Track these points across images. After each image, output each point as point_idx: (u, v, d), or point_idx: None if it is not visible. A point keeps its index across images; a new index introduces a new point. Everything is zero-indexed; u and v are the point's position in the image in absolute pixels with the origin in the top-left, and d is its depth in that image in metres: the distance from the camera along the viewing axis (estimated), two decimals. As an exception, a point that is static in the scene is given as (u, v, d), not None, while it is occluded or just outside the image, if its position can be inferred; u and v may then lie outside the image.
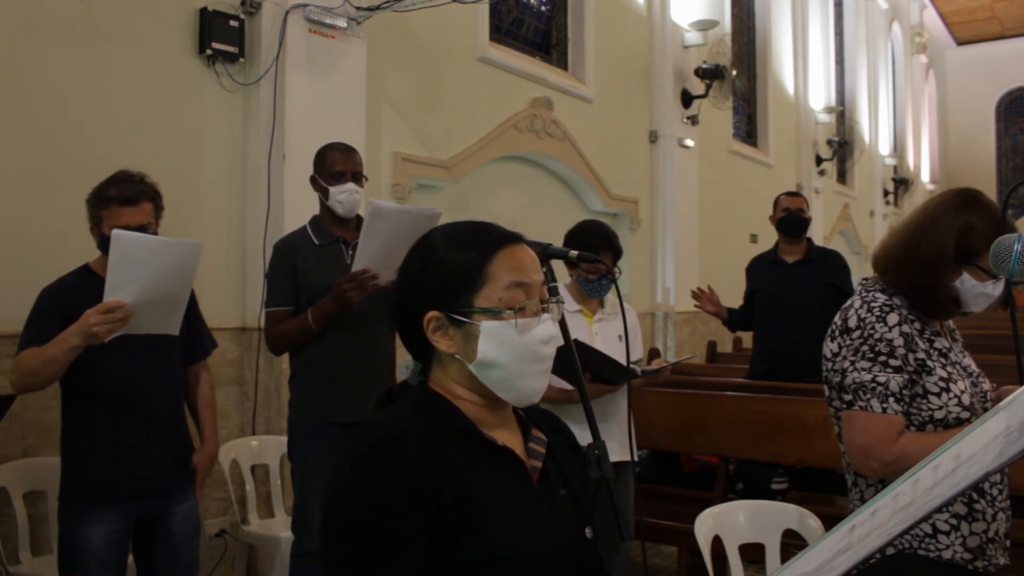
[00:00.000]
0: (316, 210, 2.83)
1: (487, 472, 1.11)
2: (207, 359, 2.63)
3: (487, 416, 1.16)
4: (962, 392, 1.68)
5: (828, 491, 3.55)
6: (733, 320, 4.38)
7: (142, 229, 2.21)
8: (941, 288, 1.72)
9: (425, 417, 1.12)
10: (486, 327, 1.11)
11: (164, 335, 2.26)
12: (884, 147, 13.78)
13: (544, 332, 1.14)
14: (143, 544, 2.40)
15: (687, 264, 7.02)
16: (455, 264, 1.13)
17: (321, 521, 1.07)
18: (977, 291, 1.73)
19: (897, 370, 1.66)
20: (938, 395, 1.67)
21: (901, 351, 1.67)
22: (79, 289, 2.21)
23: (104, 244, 2.19)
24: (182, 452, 2.46)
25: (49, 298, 2.28)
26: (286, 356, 2.87)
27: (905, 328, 1.69)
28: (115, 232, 2.05)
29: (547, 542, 1.12)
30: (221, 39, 3.56)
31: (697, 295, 4.23)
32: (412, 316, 1.15)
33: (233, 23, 3.62)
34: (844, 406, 1.72)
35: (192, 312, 2.54)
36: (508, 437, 1.18)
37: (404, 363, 1.24)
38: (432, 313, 1.13)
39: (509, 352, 1.11)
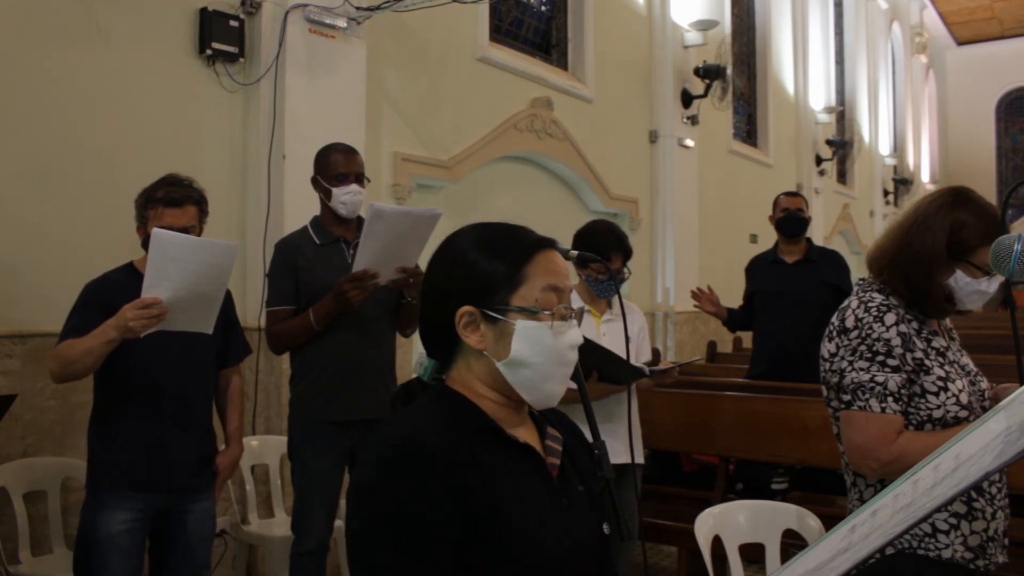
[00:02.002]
0: (316, 210, 2.83)
1: (510, 469, 1.12)
2: (239, 365, 2.68)
3: (507, 415, 1.18)
4: (960, 391, 1.69)
5: (828, 491, 3.55)
6: (733, 320, 4.38)
7: (185, 231, 2.27)
8: (935, 286, 1.72)
9: (447, 415, 1.13)
10: (521, 326, 1.12)
11: (199, 336, 2.31)
12: (884, 147, 13.79)
13: (574, 337, 1.16)
14: (158, 540, 2.43)
15: (687, 264, 7.02)
16: (494, 262, 1.14)
17: (348, 520, 1.08)
18: (971, 288, 1.73)
19: (895, 369, 1.66)
20: (936, 394, 1.67)
21: (899, 351, 1.67)
22: (122, 285, 2.27)
23: (147, 243, 2.27)
24: (207, 452, 2.50)
25: (92, 292, 2.34)
26: (286, 356, 2.88)
27: (903, 328, 1.69)
28: (155, 231, 2.12)
29: (568, 536, 1.14)
30: (221, 39, 3.56)
31: (697, 295, 4.23)
32: (440, 311, 1.16)
33: (233, 23, 3.62)
34: (843, 406, 1.72)
35: (230, 317, 2.59)
36: (527, 435, 1.19)
37: (418, 359, 1.24)
38: (466, 308, 1.14)
39: (541, 353, 1.13)
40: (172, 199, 2.32)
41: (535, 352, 1.13)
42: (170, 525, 2.41)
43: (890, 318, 1.69)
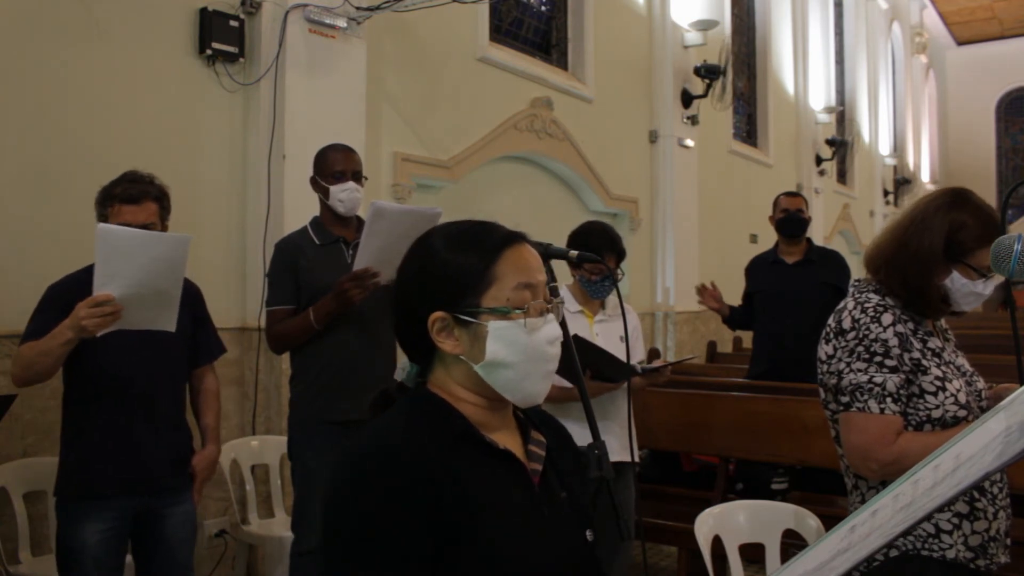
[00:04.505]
0: (316, 210, 2.84)
1: (488, 476, 1.10)
2: (214, 363, 2.64)
3: (488, 418, 1.15)
4: (958, 390, 1.68)
5: (828, 491, 3.54)
6: (733, 318, 4.38)
7: (144, 228, 2.22)
8: (931, 287, 1.72)
9: (424, 421, 1.11)
10: (494, 327, 1.10)
11: (167, 335, 2.27)
12: (884, 147, 13.79)
13: (551, 332, 1.13)
14: (139, 544, 2.40)
15: (687, 264, 7.02)
16: (461, 264, 1.12)
17: (321, 528, 1.05)
18: (967, 290, 1.73)
19: (893, 370, 1.66)
20: (934, 394, 1.67)
21: (896, 351, 1.67)
22: (84, 285, 2.20)
23: None
24: (181, 453, 2.45)
25: (53, 293, 2.31)
26: (286, 356, 2.88)
27: (899, 328, 1.69)
28: (100, 226, 2.05)
29: (549, 546, 1.11)
30: (221, 39, 3.56)
31: (700, 291, 4.23)
32: (413, 317, 1.14)
33: (233, 23, 3.62)
34: (841, 408, 1.71)
35: (201, 315, 2.56)
36: (508, 439, 1.17)
37: (401, 365, 1.23)
38: (438, 314, 1.11)
39: (517, 352, 1.10)
40: (130, 196, 2.27)
41: (512, 352, 1.10)
42: (150, 528, 2.36)
43: (887, 318, 1.69)
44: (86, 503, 2.26)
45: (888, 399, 1.65)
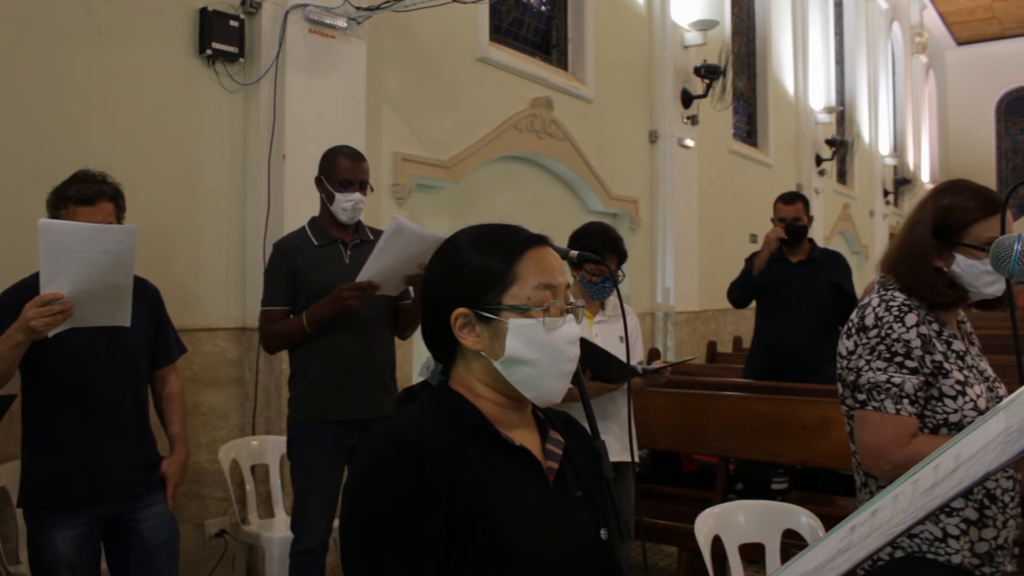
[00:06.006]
0: (316, 210, 2.84)
1: (503, 471, 1.12)
2: (175, 364, 2.59)
3: (507, 416, 1.18)
4: (978, 396, 1.67)
5: (828, 491, 3.55)
6: (754, 285, 4.31)
7: None
8: (934, 274, 1.71)
9: (443, 416, 1.14)
10: (514, 324, 1.13)
11: (126, 337, 2.23)
12: (884, 147, 13.78)
13: (570, 332, 1.16)
14: (116, 551, 2.36)
15: (687, 264, 7.02)
16: (484, 263, 1.15)
17: (340, 514, 1.10)
18: (976, 270, 1.70)
19: (913, 371, 1.64)
20: (954, 398, 1.65)
21: (918, 352, 1.65)
22: (36, 290, 2.10)
23: None
24: (146, 456, 2.41)
25: (6, 299, 2.25)
26: (286, 356, 2.88)
27: (923, 329, 1.67)
28: (42, 221, 1.97)
29: (561, 542, 1.13)
30: (221, 39, 3.56)
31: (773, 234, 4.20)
32: (438, 314, 1.17)
33: (233, 23, 3.61)
34: (857, 405, 1.70)
35: (160, 316, 2.51)
36: (526, 437, 1.19)
37: (424, 363, 1.25)
38: (460, 310, 1.15)
39: (536, 350, 1.13)
40: (84, 196, 2.22)
41: (530, 349, 1.13)
42: (125, 534, 2.33)
43: (911, 319, 1.67)
44: (52, 516, 2.22)
45: (905, 400, 1.64)
